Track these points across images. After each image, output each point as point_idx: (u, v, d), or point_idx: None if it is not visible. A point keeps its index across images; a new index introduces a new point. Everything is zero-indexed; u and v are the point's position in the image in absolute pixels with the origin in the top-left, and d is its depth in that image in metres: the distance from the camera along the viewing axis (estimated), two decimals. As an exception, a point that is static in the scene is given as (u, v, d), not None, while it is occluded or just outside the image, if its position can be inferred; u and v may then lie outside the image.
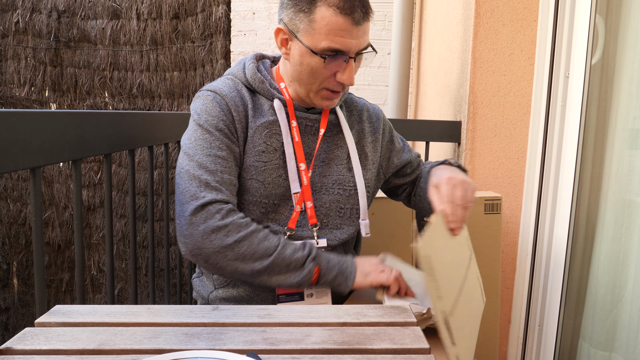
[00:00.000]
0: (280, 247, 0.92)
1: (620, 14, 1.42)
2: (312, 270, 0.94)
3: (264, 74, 1.07)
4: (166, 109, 3.39)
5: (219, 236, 0.90)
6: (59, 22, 3.37)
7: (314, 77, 0.99)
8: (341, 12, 0.93)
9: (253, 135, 1.01)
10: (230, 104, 1.01)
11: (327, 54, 0.95)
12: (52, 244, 3.62)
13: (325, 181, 1.07)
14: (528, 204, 1.69)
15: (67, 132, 0.79)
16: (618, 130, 1.42)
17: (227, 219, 0.91)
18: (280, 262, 0.92)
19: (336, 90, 1.01)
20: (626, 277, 1.34)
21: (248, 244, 0.91)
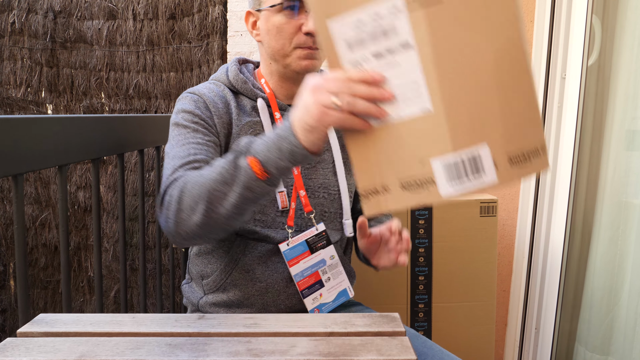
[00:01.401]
0: (209, 172, 0.83)
1: (617, 14, 1.41)
2: (247, 164, 0.77)
3: (247, 75, 1.09)
4: (163, 109, 3.38)
5: (171, 207, 0.86)
6: (55, 23, 3.35)
7: (282, 36, 1.00)
8: None
9: (239, 133, 1.02)
10: (207, 101, 1.02)
11: (285, 5, 0.99)
12: (49, 246, 3.61)
13: (311, 184, 1.07)
14: (524, 206, 1.68)
15: (52, 138, 0.77)
16: (614, 132, 1.41)
17: (170, 189, 0.89)
18: (213, 185, 0.81)
19: (308, 46, 1.01)
20: (622, 281, 1.33)
21: (187, 193, 0.84)
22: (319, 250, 1.04)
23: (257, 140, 0.80)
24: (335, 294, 1.03)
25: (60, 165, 0.81)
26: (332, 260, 1.05)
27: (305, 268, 1.01)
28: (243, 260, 1.02)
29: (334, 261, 1.05)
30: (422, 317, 1.52)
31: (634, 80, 1.35)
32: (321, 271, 1.03)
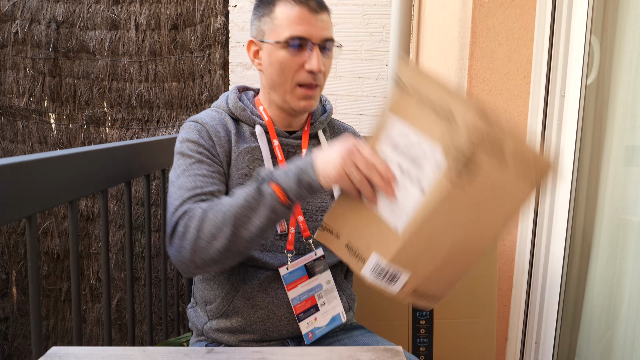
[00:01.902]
0: (232, 201, 0.89)
1: (615, 35, 1.43)
2: (272, 191, 0.86)
3: (246, 102, 1.12)
4: (165, 119, 3.40)
5: (187, 238, 0.90)
6: (57, 33, 3.37)
7: (284, 72, 1.03)
8: (297, 3, 1.01)
9: (237, 159, 1.04)
10: (210, 130, 1.04)
11: (290, 43, 1.00)
12: (51, 254, 3.63)
13: (309, 207, 1.09)
14: (524, 221, 1.70)
15: (63, 175, 0.79)
16: (613, 148, 1.43)
17: (185, 218, 0.92)
18: (239, 211, 0.87)
19: (308, 83, 1.04)
20: (621, 298, 1.34)
21: (207, 223, 0.89)
22: (316, 274, 1.05)
23: (278, 170, 0.88)
24: (329, 319, 1.05)
25: (70, 200, 0.84)
26: (328, 285, 1.06)
27: (303, 292, 1.02)
28: (244, 287, 1.04)
29: (330, 286, 1.07)
30: (424, 334, 1.54)
31: (632, 99, 1.37)
32: (317, 295, 1.04)
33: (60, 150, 0.77)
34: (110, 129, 3.52)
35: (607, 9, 1.45)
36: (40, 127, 3.53)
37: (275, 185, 0.86)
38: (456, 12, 1.84)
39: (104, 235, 1.00)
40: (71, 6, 3.35)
